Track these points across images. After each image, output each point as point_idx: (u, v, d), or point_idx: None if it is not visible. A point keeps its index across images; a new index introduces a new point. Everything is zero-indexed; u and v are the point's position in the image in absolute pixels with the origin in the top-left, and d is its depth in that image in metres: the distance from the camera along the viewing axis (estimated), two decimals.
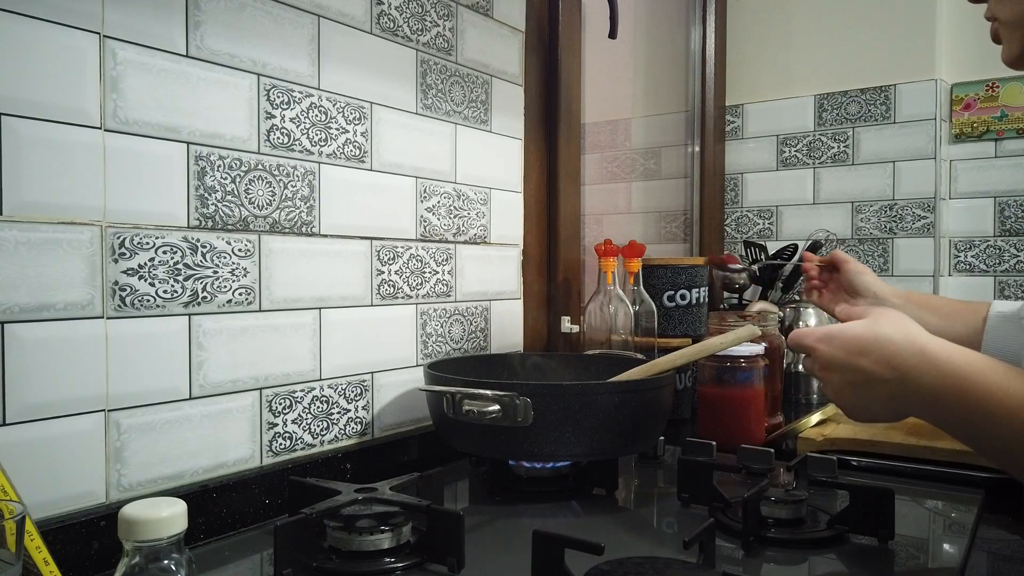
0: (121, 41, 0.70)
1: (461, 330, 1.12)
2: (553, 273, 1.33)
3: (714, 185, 1.97)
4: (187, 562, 0.44)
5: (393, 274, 1.00)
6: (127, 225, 0.70)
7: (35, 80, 0.64)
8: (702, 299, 1.38)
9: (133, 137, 0.71)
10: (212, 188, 0.78)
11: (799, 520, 0.76)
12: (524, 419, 0.78)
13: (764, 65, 1.94)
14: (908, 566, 0.70)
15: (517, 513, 0.83)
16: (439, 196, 1.07)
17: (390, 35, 0.99)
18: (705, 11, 1.95)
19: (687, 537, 0.60)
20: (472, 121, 1.13)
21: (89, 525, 0.65)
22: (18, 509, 0.45)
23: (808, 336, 0.70)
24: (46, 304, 0.65)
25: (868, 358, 0.63)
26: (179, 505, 0.44)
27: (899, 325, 0.64)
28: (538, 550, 0.58)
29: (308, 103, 0.88)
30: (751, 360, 1.10)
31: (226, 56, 0.79)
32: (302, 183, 0.87)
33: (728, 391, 1.10)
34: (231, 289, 0.80)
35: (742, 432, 1.08)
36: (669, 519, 0.83)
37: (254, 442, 0.83)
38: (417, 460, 0.99)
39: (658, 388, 0.88)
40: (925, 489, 0.93)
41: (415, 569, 0.65)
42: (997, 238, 1.75)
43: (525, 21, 1.24)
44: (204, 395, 0.78)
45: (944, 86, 1.76)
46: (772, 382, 1.17)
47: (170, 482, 0.74)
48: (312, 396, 0.89)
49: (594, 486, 0.90)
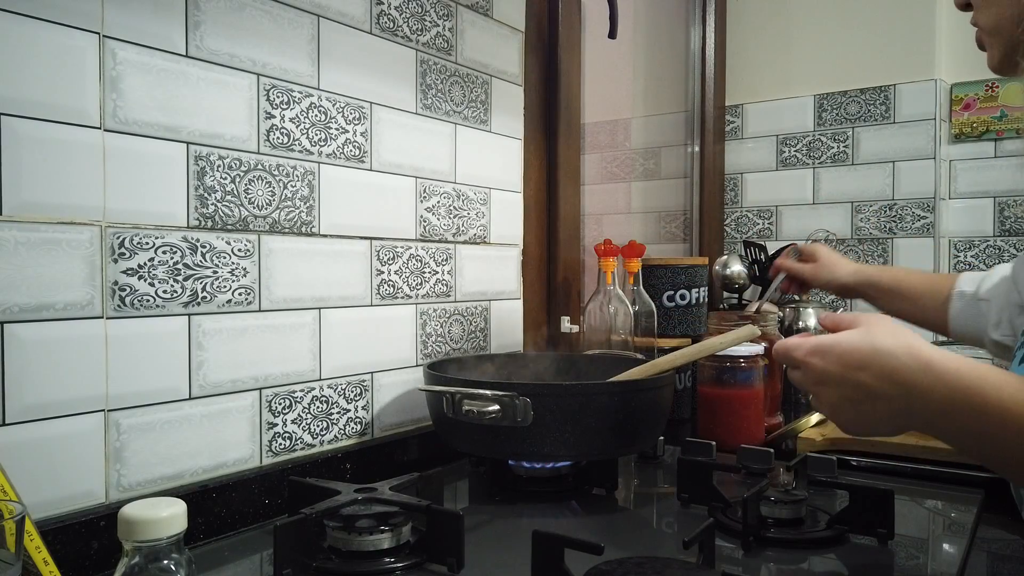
0: (121, 41, 0.70)
1: (461, 330, 1.12)
2: (553, 273, 1.33)
3: (714, 185, 1.97)
4: (187, 562, 0.44)
5: (393, 274, 1.00)
6: (127, 225, 0.70)
7: (35, 80, 0.64)
8: (702, 299, 1.38)
9: (133, 137, 0.71)
10: (212, 188, 0.78)
11: (799, 520, 0.76)
12: (524, 419, 0.78)
13: (764, 65, 1.94)
14: (908, 566, 0.70)
15: (517, 513, 0.83)
16: (439, 196, 1.07)
17: (390, 35, 0.99)
18: (705, 11, 1.95)
19: (687, 537, 0.60)
20: (472, 121, 1.13)
21: (89, 525, 0.65)
22: (18, 509, 0.45)
23: (797, 348, 0.65)
24: (46, 304, 0.65)
25: (867, 372, 0.60)
26: (179, 505, 0.44)
27: (896, 336, 0.61)
28: (538, 550, 0.58)
29: (308, 103, 0.88)
30: (751, 360, 1.10)
31: (226, 56, 0.79)
32: (302, 183, 0.87)
33: (727, 391, 1.10)
34: (231, 289, 0.80)
35: (742, 432, 1.08)
36: (669, 519, 0.83)
37: (254, 442, 0.83)
38: (417, 460, 0.99)
39: (658, 388, 0.88)
40: (925, 489, 0.93)
41: (415, 569, 0.65)
42: (997, 238, 1.75)
43: (525, 21, 1.24)
44: (204, 395, 0.78)
45: (944, 86, 1.76)
46: (772, 382, 1.17)
47: (170, 482, 0.74)
48: (312, 396, 0.89)
49: (594, 486, 0.90)
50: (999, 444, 0.56)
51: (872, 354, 0.60)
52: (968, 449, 0.60)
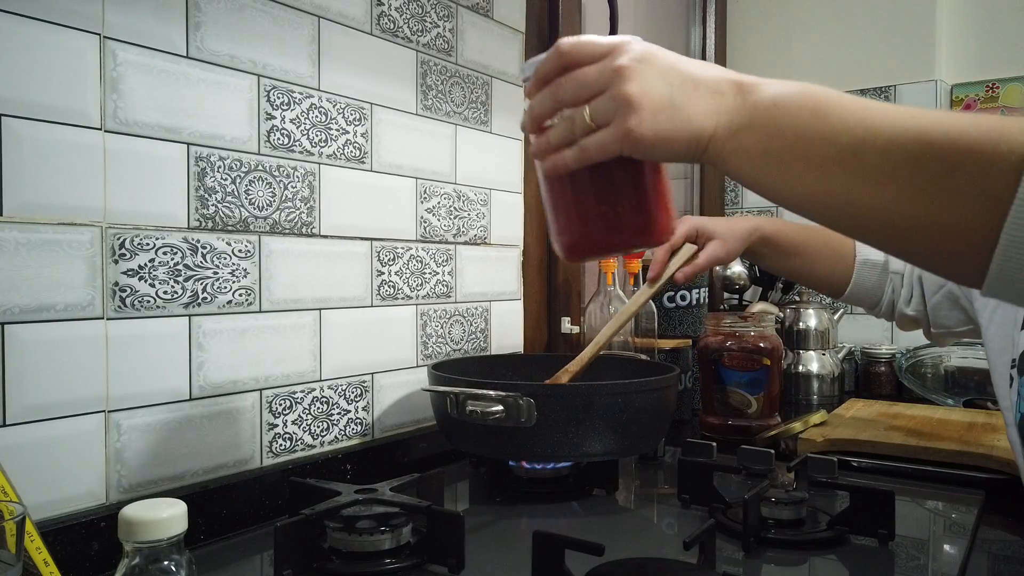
0: (121, 42, 0.70)
1: (461, 331, 1.12)
2: (553, 274, 1.33)
3: (714, 185, 1.97)
4: (187, 563, 0.44)
5: (393, 275, 1.00)
6: (127, 226, 0.70)
7: (36, 81, 0.64)
8: (702, 300, 1.38)
9: (133, 138, 0.71)
10: (212, 189, 0.78)
11: (799, 521, 0.76)
12: (527, 420, 0.78)
13: (764, 65, 1.94)
14: (908, 567, 0.70)
15: (517, 514, 0.83)
16: (439, 197, 1.07)
17: (390, 36, 0.99)
18: (705, 11, 1.95)
19: (687, 538, 0.60)
20: (472, 122, 1.13)
21: (89, 526, 0.65)
22: (18, 510, 0.45)
23: (604, 39, 0.52)
24: (46, 305, 0.65)
25: (697, 65, 0.51)
26: (179, 506, 0.44)
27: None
28: (538, 551, 0.58)
29: (308, 104, 0.88)
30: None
31: (226, 57, 0.79)
32: (302, 184, 0.87)
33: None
34: (231, 290, 0.80)
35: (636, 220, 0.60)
36: (669, 520, 0.83)
37: (254, 443, 0.83)
38: (417, 461, 0.99)
39: (661, 389, 0.88)
40: (925, 490, 0.93)
41: (415, 570, 0.65)
42: None
43: (525, 22, 1.24)
44: (204, 396, 0.78)
45: (944, 87, 1.76)
46: (771, 382, 1.17)
47: (170, 483, 0.74)
48: (312, 397, 0.89)
49: (594, 487, 0.90)
50: (826, 146, 0.46)
51: (712, 66, 0.53)
52: (793, 153, 0.48)
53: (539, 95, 0.54)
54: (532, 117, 0.55)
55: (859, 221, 0.47)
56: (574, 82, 0.52)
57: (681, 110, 0.49)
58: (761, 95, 0.49)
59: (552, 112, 0.54)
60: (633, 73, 0.49)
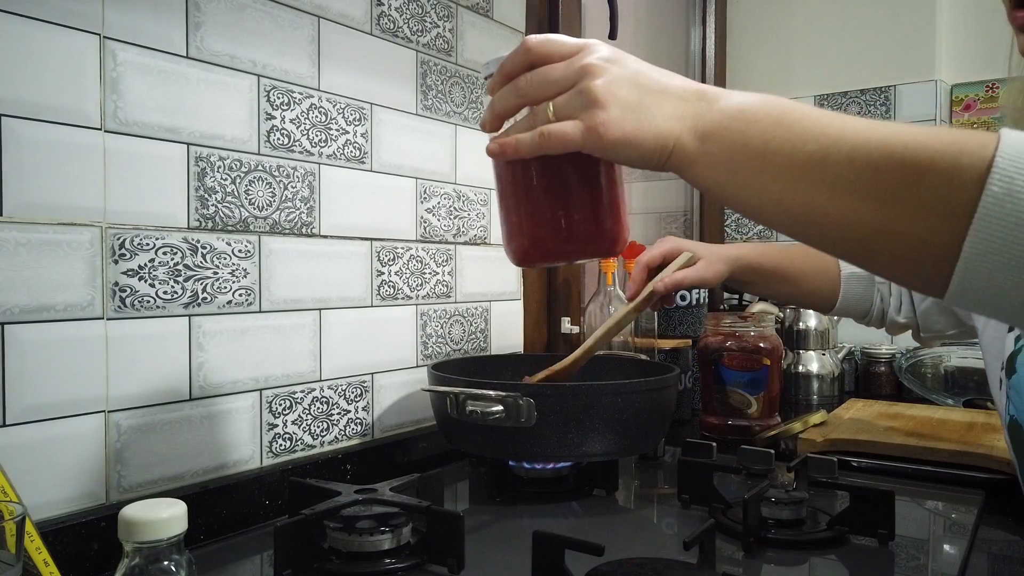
0: (121, 42, 0.70)
1: (461, 331, 1.12)
2: (553, 274, 1.33)
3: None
4: (187, 563, 0.44)
5: (393, 275, 1.00)
6: (127, 226, 0.70)
7: (35, 81, 0.64)
8: (702, 300, 1.38)
9: (133, 138, 0.71)
10: (212, 189, 0.78)
11: (799, 521, 0.76)
12: (528, 420, 0.78)
13: (764, 66, 1.94)
14: (908, 567, 0.70)
15: (517, 514, 0.83)
16: (439, 197, 1.07)
17: (390, 36, 0.99)
18: (705, 11, 1.95)
19: (687, 538, 0.60)
20: (472, 122, 1.13)
21: (89, 526, 0.65)
22: (18, 510, 0.45)
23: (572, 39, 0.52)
24: (46, 305, 0.65)
25: (665, 74, 0.51)
26: (179, 506, 0.44)
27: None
28: (538, 551, 0.58)
29: (308, 104, 0.88)
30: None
31: (226, 57, 0.79)
32: (302, 184, 0.87)
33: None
34: (231, 290, 0.80)
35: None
36: (669, 520, 0.83)
37: (254, 443, 0.83)
38: (417, 461, 0.99)
39: (661, 389, 0.88)
40: (925, 490, 0.93)
41: (415, 570, 0.65)
42: None
43: (525, 22, 1.24)
44: (204, 396, 0.78)
45: (944, 87, 1.76)
46: (771, 382, 1.17)
47: (170, 483, 0.74)
48: (312, 397, 0.89)
49: (594, 487, 0.90)
50: (793, 154, 0.46)
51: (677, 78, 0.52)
52: (753, 161, 0.47)
53: (502, 91, 0.53)
54: (494, 113, 0.54)
55: (823, 230, 0.46)
56: (540, 77, 0.51)
57: (647, 111, 0.49)
58: (727, 103, 0.49)
59: (515, 109, 0.53)
60: (601, 71, 0.49)
